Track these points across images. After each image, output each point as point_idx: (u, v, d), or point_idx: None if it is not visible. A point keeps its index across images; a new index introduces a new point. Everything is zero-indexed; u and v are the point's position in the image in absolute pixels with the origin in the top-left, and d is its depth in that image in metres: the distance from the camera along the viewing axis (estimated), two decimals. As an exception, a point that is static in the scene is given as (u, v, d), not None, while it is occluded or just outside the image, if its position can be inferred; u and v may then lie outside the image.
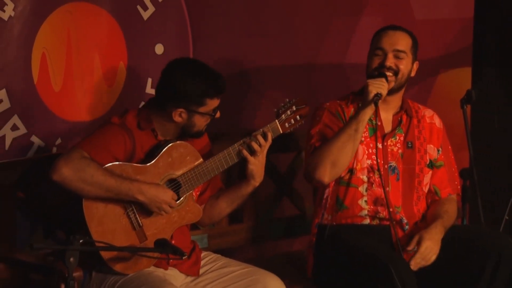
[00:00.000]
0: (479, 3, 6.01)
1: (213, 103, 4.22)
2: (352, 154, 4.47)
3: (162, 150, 4.20)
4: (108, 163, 4.09)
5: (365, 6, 5.57)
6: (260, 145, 4.30)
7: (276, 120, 4.37)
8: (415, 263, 4.39)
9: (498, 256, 4.39)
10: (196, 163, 4.26)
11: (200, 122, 4.24)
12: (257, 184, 4.38)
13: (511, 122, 6.39)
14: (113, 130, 4.17)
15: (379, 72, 4.51)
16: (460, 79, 5.92)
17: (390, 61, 4.53)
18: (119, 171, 4.10)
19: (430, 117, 4.73)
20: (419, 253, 4.39)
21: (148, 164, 4.17)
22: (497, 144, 6.37)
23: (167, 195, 4.15)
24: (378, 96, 4.39)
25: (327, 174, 4.45)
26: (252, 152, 4.30)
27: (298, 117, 4.40)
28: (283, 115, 4.37)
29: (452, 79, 5.92)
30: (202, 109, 4.21)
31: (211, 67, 4.28)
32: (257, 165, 4.33)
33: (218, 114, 4.26)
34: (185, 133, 4.26)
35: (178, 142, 4.24)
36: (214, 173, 4.27)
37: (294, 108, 4.39)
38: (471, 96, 4.58)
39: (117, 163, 4.12)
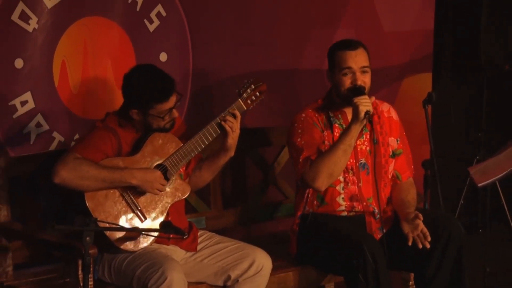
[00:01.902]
0: (438, 17, 6.00)
1: (161, 106, 4.18)
2: (345, 164, 4.46)
3: (145, 141, 4.21)
4: (100, 160, 4.10)
5: (340, 20, 5.54)
6: (232, 122, 4.29)
7: (239, 99, 4.34)
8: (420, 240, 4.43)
9: (448, 236, 4.43)
10: (177, 147, 4.25)
11: (156, 122, 4.21)
12: (232, 154, 4.37)
13: (465, 119, 6.45)
14: (99, 132, 4.19)
15: (357, 88, 4.44)
16: (422, 83, 5.90)
17: (360, 80, 4.45)
18: (111, 164, 4.12)
19: (387, 111, 4.68)
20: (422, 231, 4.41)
21: (135, 155, 4.19)
22: (453, 138, 6.43)
23: (155, 174, 4.16)
24: (368, 113, 4.34)
25: (325, 184, 4.43)
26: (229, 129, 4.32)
27: (257, 93, 4.39)
28: (244, 94, 4.35)
29: (416, 82, 5.89)
30: (152, 112, 4.18)
31: (164, 72, 4.22)
32: (234, 139, 4.33)
33: (174, 114, 4.23)
34: (150, 129, 4.24)
35: (156, 132, 4.23)
36: (194, 153, 4.26)
37: (253, 86, 4.37)
38: (431, 98, 4.59)
39: (108, 158, 4.13)
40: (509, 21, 5.94)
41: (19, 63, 4.47)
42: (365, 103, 4.36)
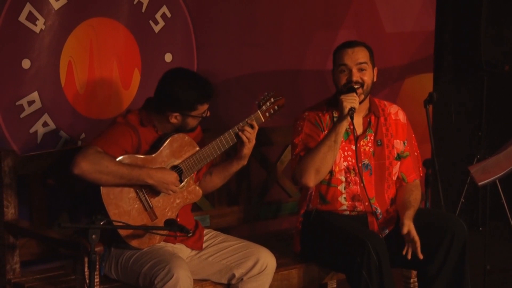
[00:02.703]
0: (439, 19, 6.02)
1: (203, 107, 4.24)
2: (333, 161, 4.44)
3: (164, 142, 4.22)
4: (119, 156, 4.10)
5: (342, 21, 5.55)
6: (250, 133, 4.32)
7: (258, 111, 4.37)
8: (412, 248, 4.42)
9: (452, 235, 4.43)
10: (194, 151, 4.29)
11: (193, 122, 4.28)
12: (245, 163, 4.41)
13: (465, 119, 6.46)
14: (120, 128, 4.19)
15: (348, 87, 4.44)
16: (423, 83, 5.92)
17: (356, 76, 4.45)
18: (130, 162, 4.13)
19: (395, 113, 4.67)
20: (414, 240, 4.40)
21: (154, 154, 4.20)
22: (454, 137, 6.43)
23: (172, 176, 4.18)
24: (352, 110, 4.33)
25: (312, 180, 4.43)
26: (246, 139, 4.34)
27: (276, 107, 4.41)
28: (263, 106, 4.38)
29: (417, 83, 5.91)
30: (194, 113, 4.23)
31: (200, 75, 4.29)
32: (249, 149, 4.36)
33: (208, 113, 4.29)
34: (181, 130, 4.28)
35: (176, 134, 4.25)
36: (210, 159, 4.29)
37: (272, 99, 4.40)
38: (432, 98, 4.59)
39: (127, 155, 4.13)
40: (509, 21, 5.94)
41: (26, 63, 4.48)
42: (350, 100, 4.37)
